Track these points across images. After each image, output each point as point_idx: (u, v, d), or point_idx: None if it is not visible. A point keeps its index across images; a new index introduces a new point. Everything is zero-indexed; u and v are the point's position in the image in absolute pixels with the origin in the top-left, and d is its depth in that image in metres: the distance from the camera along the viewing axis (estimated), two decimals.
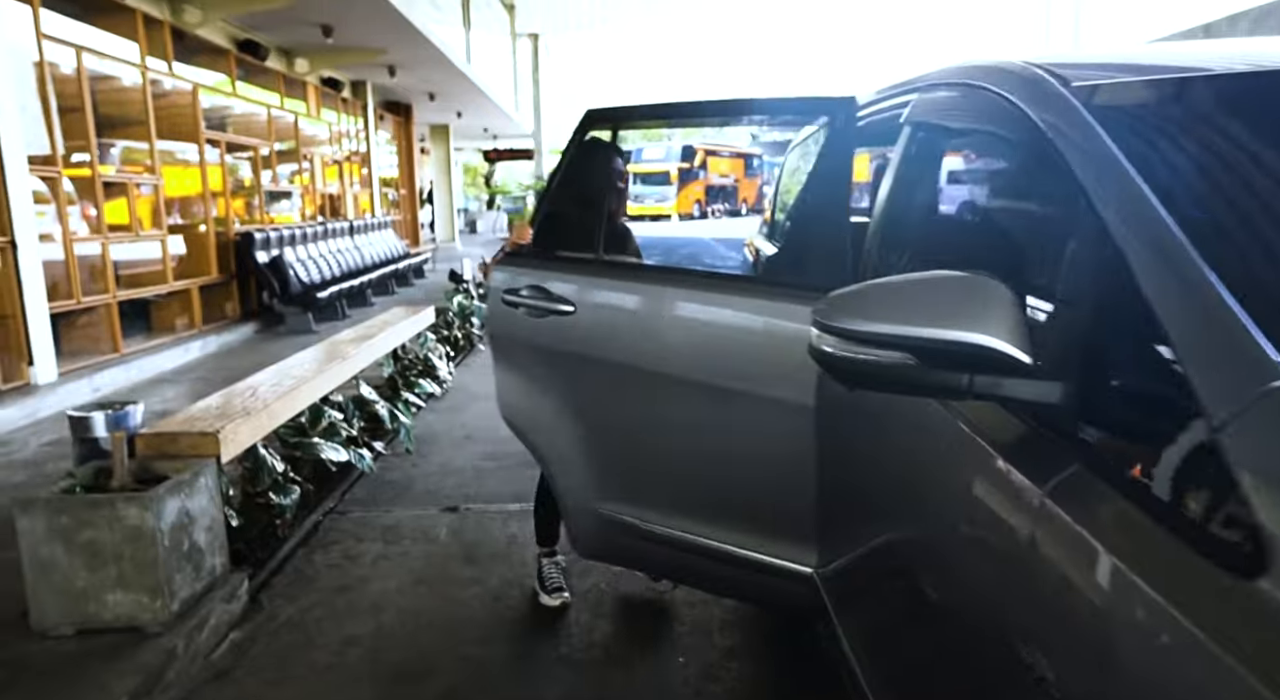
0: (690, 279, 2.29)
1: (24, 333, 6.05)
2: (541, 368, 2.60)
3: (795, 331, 2.02)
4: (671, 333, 2.27)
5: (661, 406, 2.32)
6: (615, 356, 2.36)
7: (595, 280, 2.44)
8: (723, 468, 2.27)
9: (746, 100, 2.60)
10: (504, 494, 4.37)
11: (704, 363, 2.20)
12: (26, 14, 6.37)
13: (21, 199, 5.98)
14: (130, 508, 2.67)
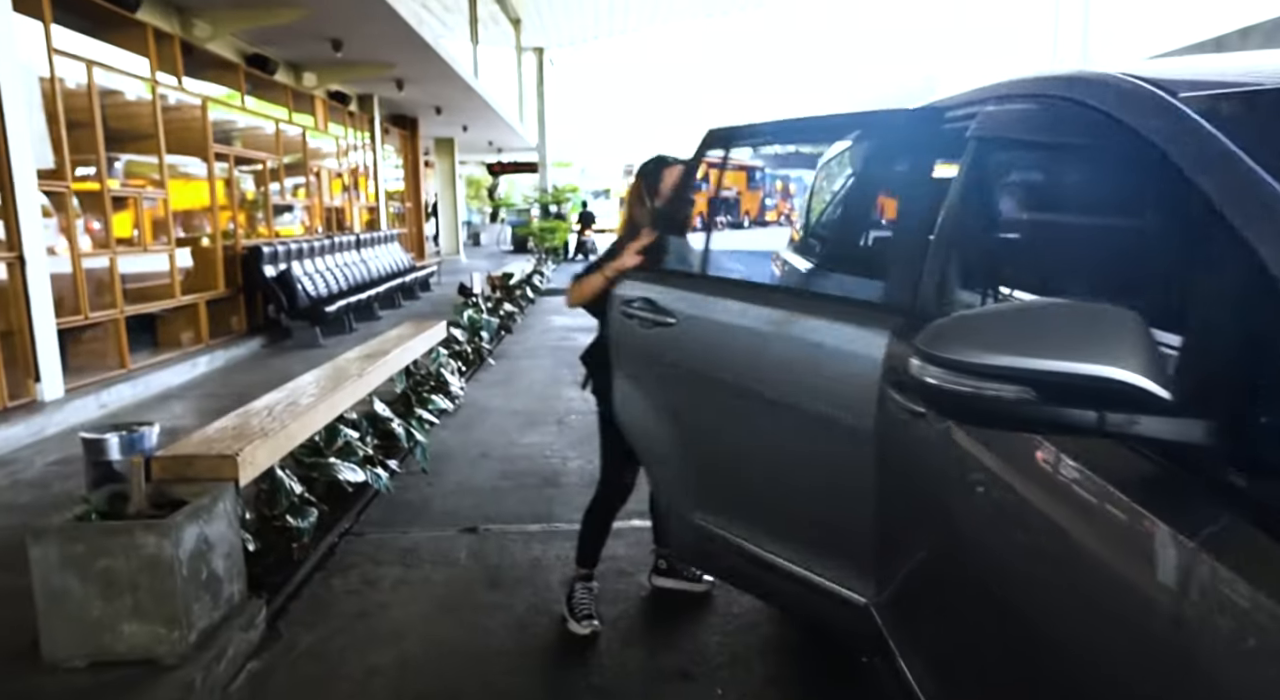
0: (772, 295, 2.37)
1: (31, 349, 5.97)
2: (648, 376, 2.77)
3: (850, 349, 1.96)
4: (745, 344, 2.34)
5: (739, 418, 2.37)
6: (701, 367, 2.49)
7: (690, 293, 2.58)
8: (789, 486, 2.26)
9: (844, 115, 2.72)
10: (523, 514, 4.26)
11: (764, 374, 2.24)
12: (38, 29, 6.32)
13: (30, 214, 5.90)
14: (148, 536, 2.57)
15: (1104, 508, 1.07)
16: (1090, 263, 1.38)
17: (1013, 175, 1.77)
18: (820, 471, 2.10)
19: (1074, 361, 0.97)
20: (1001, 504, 1.34)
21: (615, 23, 22.37)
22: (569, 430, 5.88)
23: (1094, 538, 1.07)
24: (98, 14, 7.05)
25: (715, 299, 2.47)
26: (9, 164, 5.75)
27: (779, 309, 2.23)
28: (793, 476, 2.22)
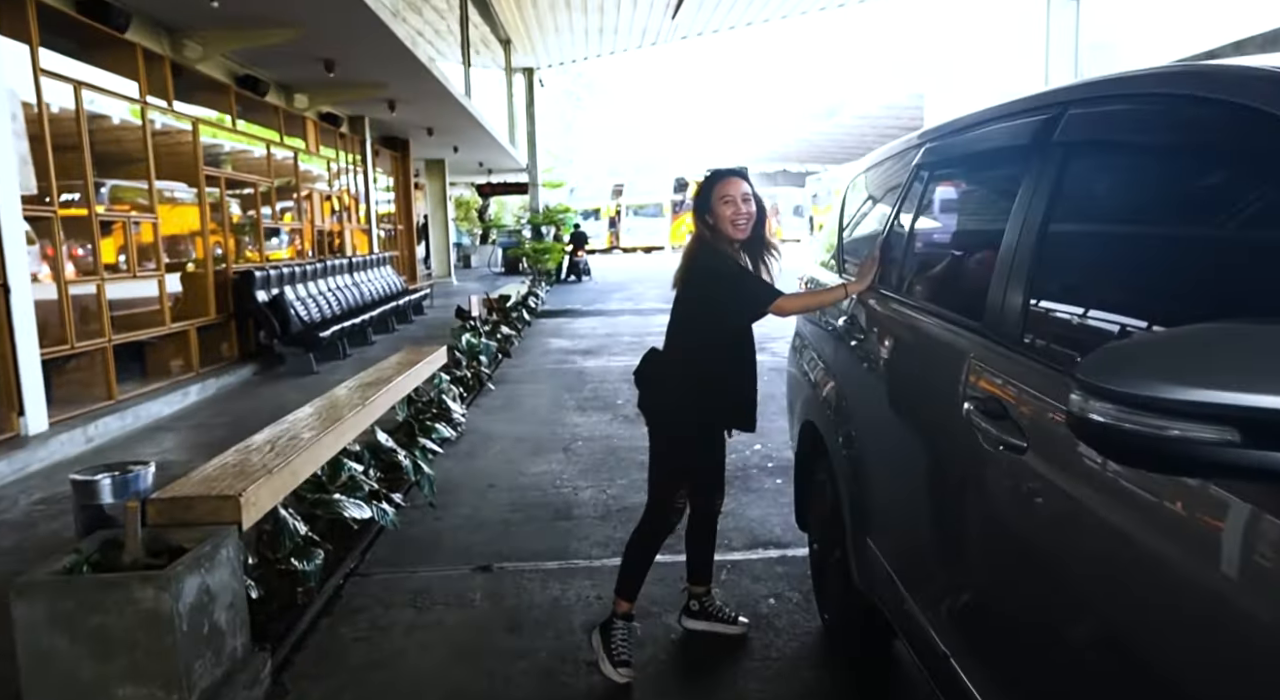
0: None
1: (14, 381, 5.73)
2: (842, 386, 2.80)
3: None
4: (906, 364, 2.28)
5: (903, 444, 2.22)
6: (875, 383, 2.44)
7: (880, 311, 2.53)
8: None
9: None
10: (538, 550, 4.05)
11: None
12: (24, 52, 6.13)
13: (14, 241, 5.68)
14: (145, 589, 2.35)
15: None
16: (1241, 276, 1.20)
17: (1115, 180, 1.59)
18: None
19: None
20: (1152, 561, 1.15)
21: (605, 43, 22.36)
22: (577, 458, 5.67)
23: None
24: (86, 35, 6.86)
25: (908, 321, 2.34)
26: None
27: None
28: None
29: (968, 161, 2.37)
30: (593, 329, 12.70)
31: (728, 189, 2.73)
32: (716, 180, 2.77)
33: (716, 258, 2.77)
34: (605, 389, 8.02)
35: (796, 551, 3.89)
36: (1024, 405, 1.55)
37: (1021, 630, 1.55)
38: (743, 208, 2.71)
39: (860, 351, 2.64)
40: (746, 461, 5.43)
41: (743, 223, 2.72)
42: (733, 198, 2.71)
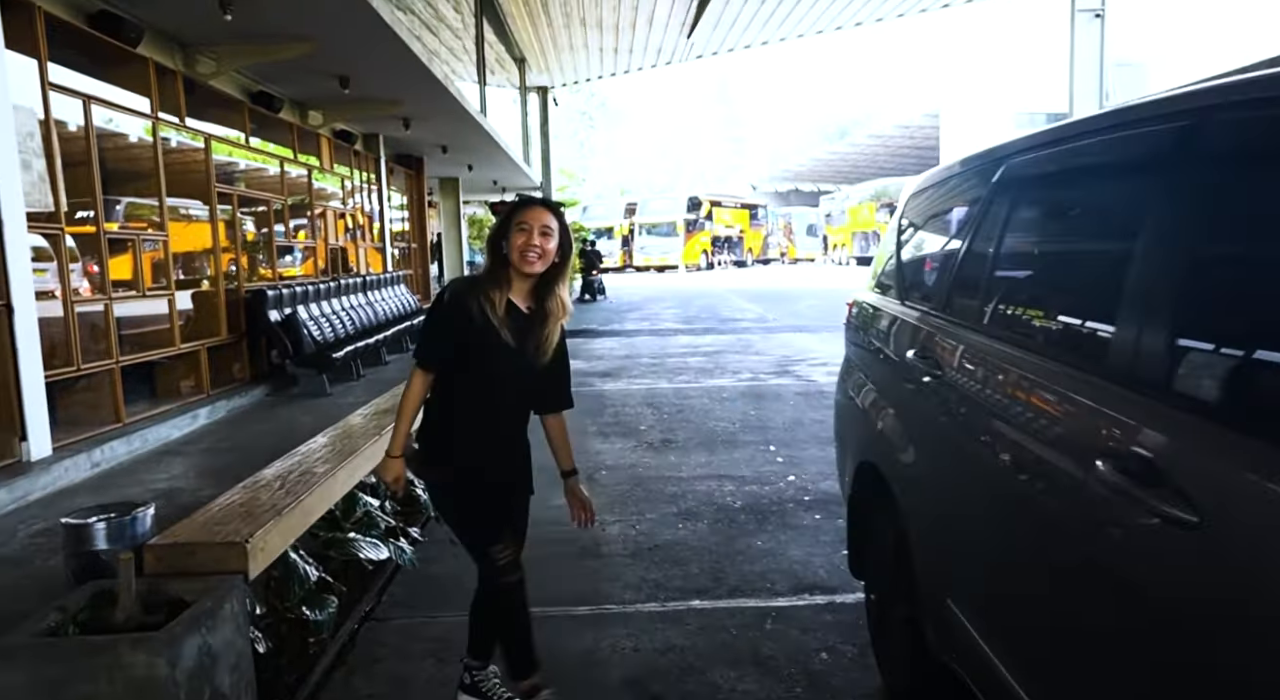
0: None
1: (17, 404, 5.50)
2: (914, 428, 2.52)
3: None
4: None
5: (1004, 502, 1.92)
6: (962, 429, 2.18)
7: (958, 345, 2.27)
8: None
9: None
10: (565, 593, 3.76)
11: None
12: (32, 67, 5.96)
13: (19, 260, 5.48)
14: (137, 654, 2.08)
15: None
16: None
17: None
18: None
19: None
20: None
21: (620, 62, 22.28)
22: (601, 489, 5.39)
23: None
24: (97, 49, 6.70)
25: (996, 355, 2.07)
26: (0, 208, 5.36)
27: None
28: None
29: (1069, 177, 2.09)
30: (610, 350, 12.45)
31: (527, 217, 2.45)
32: (519, 207, 2.51)
33: (449, 289, 2.53)
34: (627, 414, 7.76)
35: (845, 597, 3.60)
36: (1193, 471, 1.28)
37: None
38: (535, 239, 2.42)
39: (937, 391, 2.32)
40: (781, 494, 5.14)
41: (532, 256, 2.42)
42: (529, 227, 2.42)
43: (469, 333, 2.43)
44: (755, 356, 11.34)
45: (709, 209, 41.73)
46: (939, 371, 2.29)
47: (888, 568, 2.72)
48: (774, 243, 50.75)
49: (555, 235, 2.46)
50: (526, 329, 2.48)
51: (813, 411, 7.63)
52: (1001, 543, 1.93)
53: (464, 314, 2.44)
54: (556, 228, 2.47)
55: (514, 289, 2.49)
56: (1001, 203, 2.29)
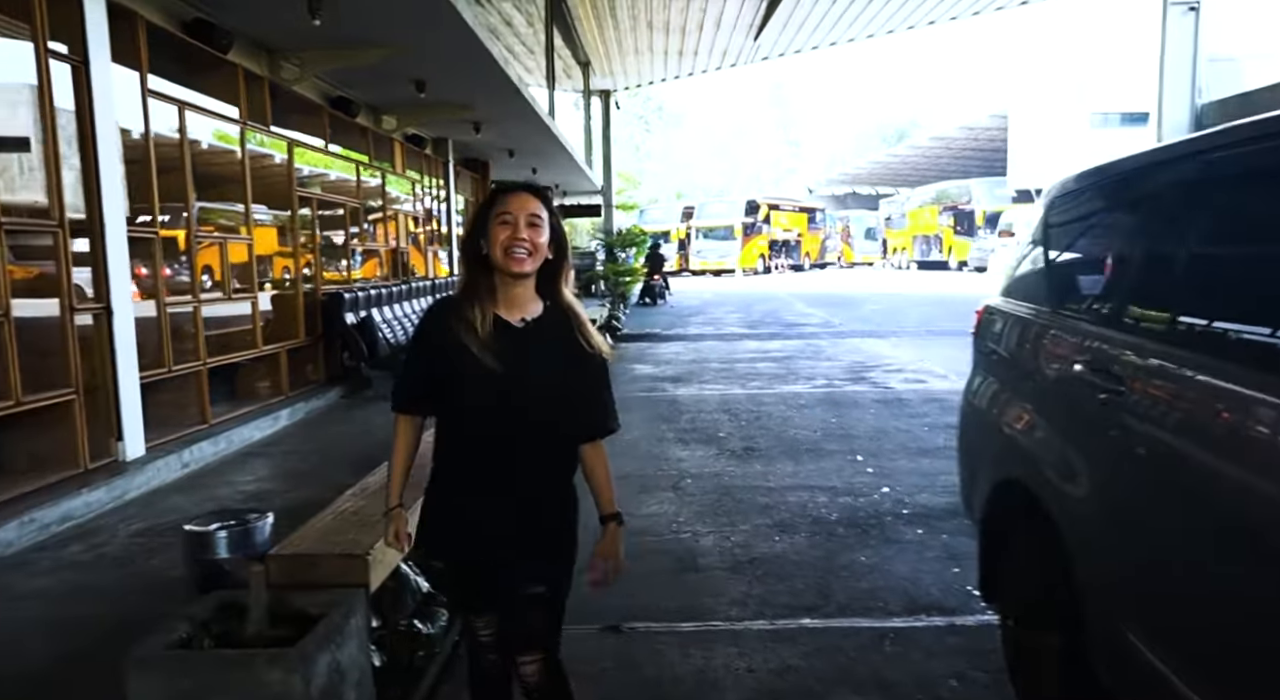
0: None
1: (114, 405, 5.60)
2: (1086, 447, 2.26)
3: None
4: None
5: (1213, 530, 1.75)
6: (1156, 453, 1.97)
7: (1154, 364, 2.04)
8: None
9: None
10: (668, 608, 3.65)
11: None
12: (134, 78, 6.08)
13: (119, 263, 5.58)
14: (273, 670, 2.03)
15: None
16: None
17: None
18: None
19: None
20: None
21: (684, 65, 22.16)
22: (689, 498, 5.28)
23: None
24: (190, 56, 6.81)
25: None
26: (101, 215, 5.46)
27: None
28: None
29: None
30: (677, 354, 12.33)
31: (508, 206, 1.97)
32: (497, 196, 2.02)
33: (432, 311, 2.07)
34: (704, 420, 7.63)
35: (965, 619, 3.43)
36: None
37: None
38: (522, 232, 1.94)
39: (1121, 409, 2.09)
40: (878, 507, 4.96)
41: (519, 252, 1.94)
42: (512, 217, 1.94)
43: (444, 362, 1.95)
44: (826, 362, 11.12)
45: (767, 212, 41.35)
46: (1120, 388, 2.10)
47: (1035, 593, 2.54)
48: (831, 246, 50.12)
49: (545, 226, 1.98)
50: (523, 347, 1.96)
51: (895, 420, 7.42)
52: (1203, 572, 1.76)
53: (438, 339, 1.97)
54: (546, 216, 1.99)
55: (502, 299, 1.99)
56: (1208, 201, 2.07)
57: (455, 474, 2.03)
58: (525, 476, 2.00)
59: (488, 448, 1.98)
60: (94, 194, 5.45)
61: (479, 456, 1.99)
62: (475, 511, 2.01)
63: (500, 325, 1.97)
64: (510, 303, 2.00)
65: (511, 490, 1.99)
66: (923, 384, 9.31)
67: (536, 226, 1.96)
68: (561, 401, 2.00)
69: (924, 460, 6.03)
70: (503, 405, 1.95)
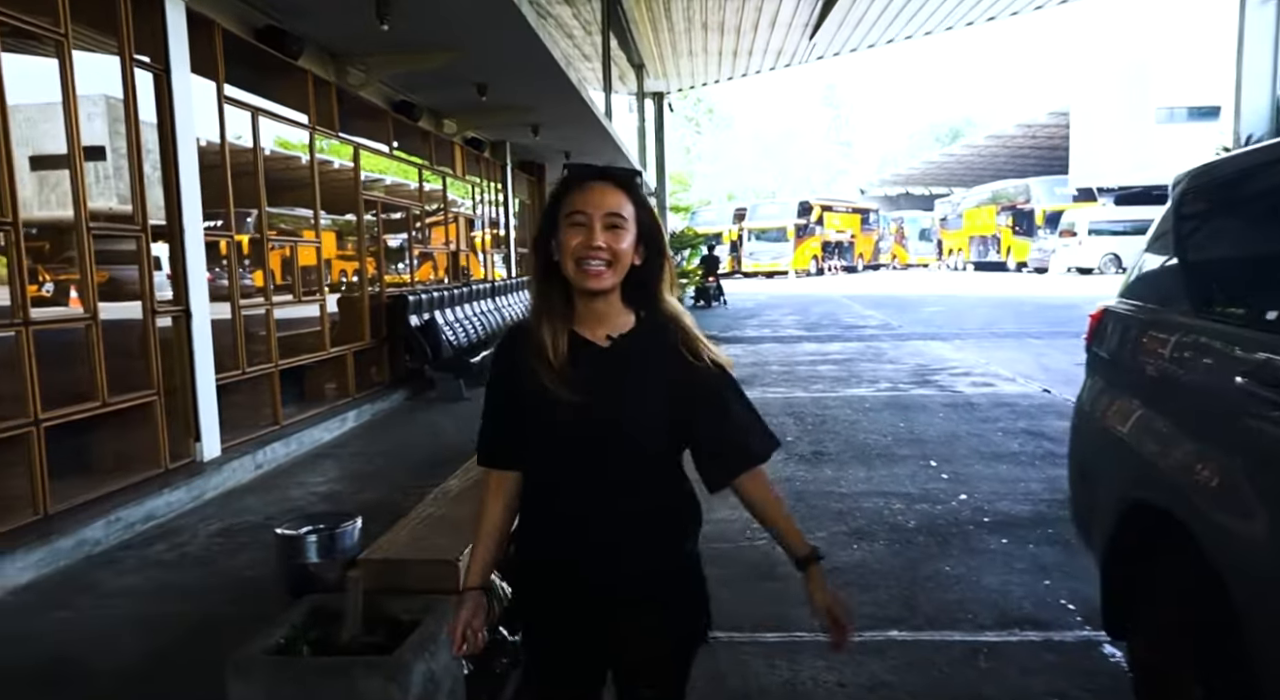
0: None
1: (192, 406, 5.70)
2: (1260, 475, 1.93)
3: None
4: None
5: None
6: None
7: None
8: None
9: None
10: (749, 617, 3.56)
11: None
12: (210, 87, 6.22)
13: (197, 267, 5.70)
14: (372, 678, 2.01)
15: None
16: None
17: None
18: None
19: None
20: None
21: (738, 66, 22.05)
22: None
23: None
24: (262, 62, 6.94)
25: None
26: (180, 220, 5.58)
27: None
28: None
29: None
30: (736, 357, 12.03)
31: (580, 201, 1.57)
32: (566, 187, 1.61)
33: (504, 338, 1.73)
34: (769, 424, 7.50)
35: (1063, 635, 3.29)
36: None
37: None
38: (599, 237, 1.54)
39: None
40: (957, 515, 4.82)
41: (595, 265, 1.54)
42: (586, 218, 1.55)
43: (520, 400, 1.61)
44: (889, 365, 10.92)
45: (820, 214, 40.94)
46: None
47: (1180, 637, 2.25)
48: (885, 247, 49.44)
49: (630, 226, 1.57)
50: (612, 372, 1.59)
51: (966, 424, 7.23)
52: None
53: (510, 372, 1.64)
54: (632, 213, 1.58)
55: (581, 315, 1.62)
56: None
57: (538, 539, 1.65)
58: (628, 536, 1.61)
59: (575, 503, 1.60)
60: (173, 199, 5.57)
61: (565, 516, 1.60)
62: (565, 582, 1.62)
63: (580, 347, 1.60)
64: (592, 319, 1.61)
65: (615, 558, 1.60)
66: (991, 388, 9.08)
67: (618, 229, 1.55)
68: (665, 434, 1.62)
69: (1000, 466, 5.86)
70: (588, 446, 1.58)
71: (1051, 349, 11.87)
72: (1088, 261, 29.03)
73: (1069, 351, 11.49)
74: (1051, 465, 5.74)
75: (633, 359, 1.61)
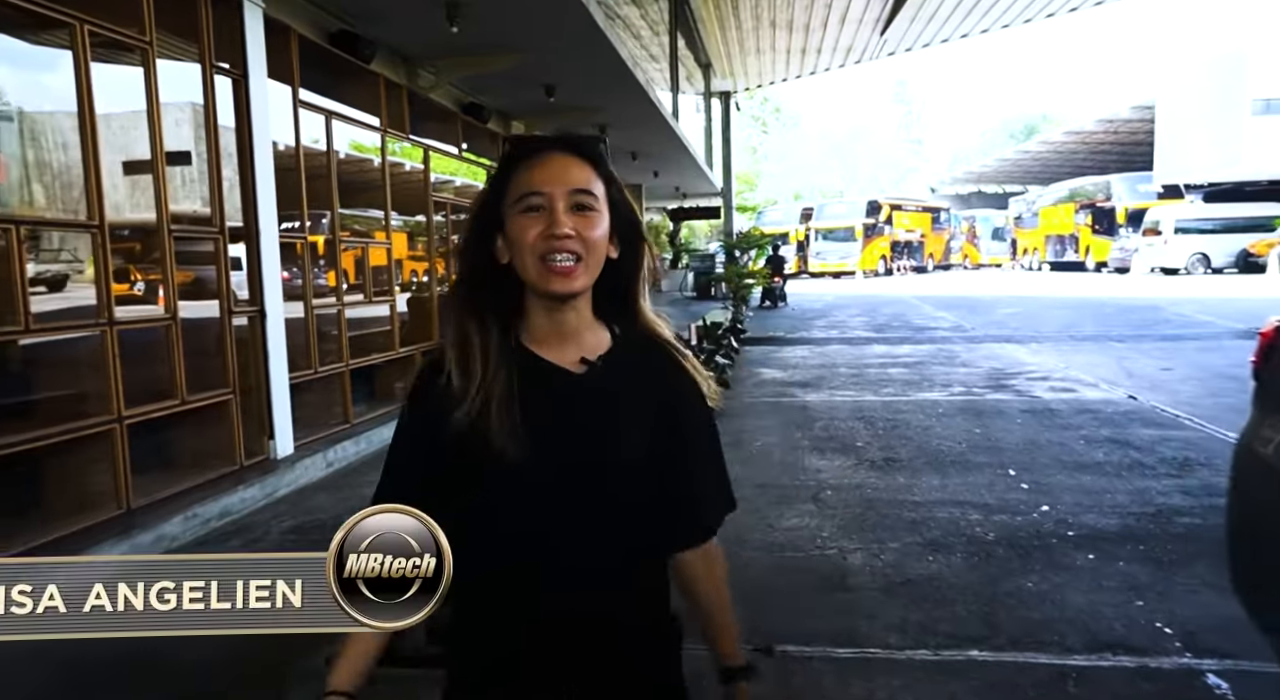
0: None
1: (267, 404, 5.82)
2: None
3: None
4: None
5: None
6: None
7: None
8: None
9: None
10: (819, 630, 3.46)
11: None
12: (286, 92, 6.36)
13: (272, 267, 5.82)
14: (434, 693, 1.96)
15: None
16: None
17: None
18: None
19: None
20: None
21: (806, 64, 21.77)
22: (831, 511, 5.05)
23: None
24: (335, 66, 7.06)
25: None
26: (256, 222, 5.70)
27: None
28: None
29: None
30: (803, 359, 12.03)
31: (536, 178, 1.18)
32: (513, 162, 1.23)
33: (418, 380, 1.28)
34: (838, 428, 7.36)
35: (1159, 661, 3.10)
36: None
37: None
38: (564, 224, 1.17)
39: None
40: (1039, 528, 4.61)
41: (564, 260, 1.17)
42: (544, 198, 1.18)
43: (451, 452, 1.18)
44: (963, 368, 10.60)
45: (889, 213, 40.17)
46: None
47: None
48: (956, 247, 48.27)
49: (602, 207, 1.21)
50: (591, 409, 1.21)
51: (1046, 432, 6.95)
52: None
53: (431, 419, 1.20)
54: (602, 193, 1.21)
55: (542, 333, 1.23)
56: None
57: (471, 652, 1.26)
58: (600, 648, 1.19)
59: (523, 603, 1.18)
60: (250, 202, 5.70)
61: (510, 622, 1.20)
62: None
63: (540, 377, 1.20)
64: (556, 337, 1.23)
65: (580, 680, 1.20)
66: (1072, 393, 8.73)
67: (588, 211, 1.19)
68: (646, 493, 1.22)
69: (1084, 477, 5.60)
70: (551, 518, 1.17)
71: (1135, 353, 11.39)
72: (1173, 261, 27.86)
73: (1154, 356, 11.01)
74: (1140, 476, 5.47)
75: (619, 392, 1.22)
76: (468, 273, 1.25)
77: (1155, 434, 6.62)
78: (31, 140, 6.45)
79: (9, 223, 4.31)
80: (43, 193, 6.88)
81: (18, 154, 6.35)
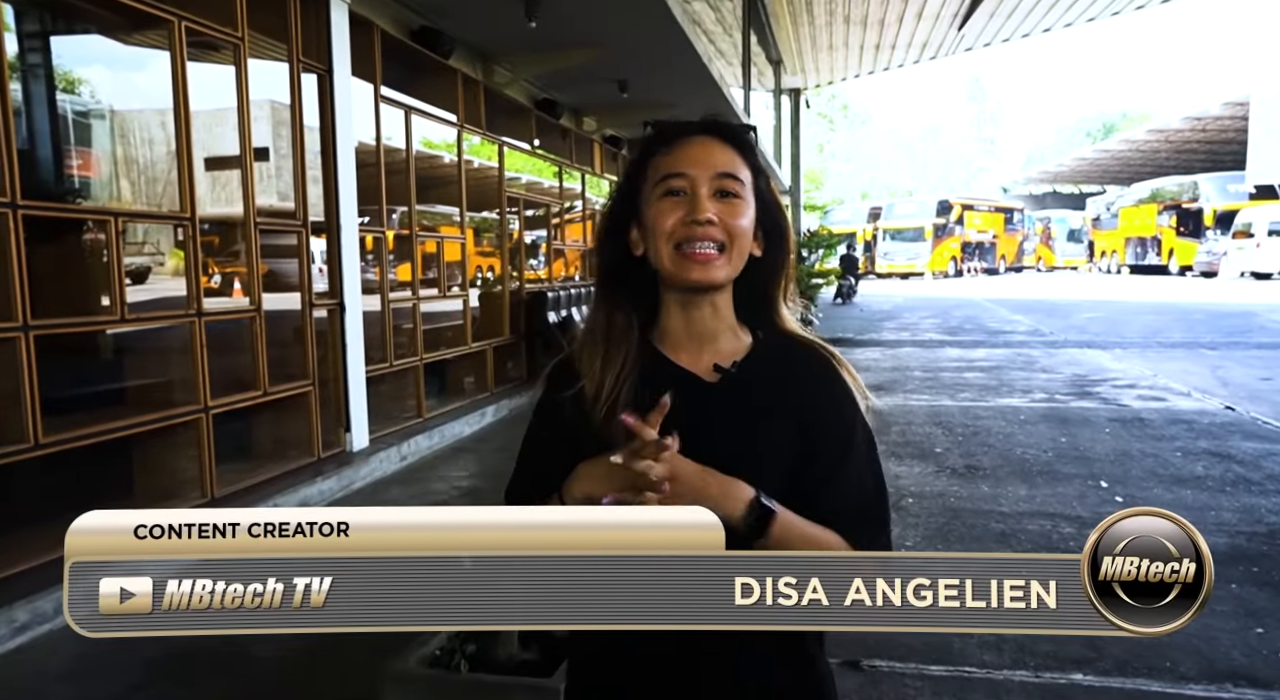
0: None
1: (344, 397, 5.88)
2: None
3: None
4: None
5: None
6: None
7: None
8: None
9: None
10: (912, 646, 3.31)
11: None
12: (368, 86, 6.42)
13: (351, 261, 5.87)
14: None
15: None
16: None
17: None
18: None
19: None
20: None
21: (879, 60, 21.34)
22: (913, 519, 4.88)
23: None
24: (416, 62, 7.11)
25: None
26: (338, 216, 5.76)
27: None
28: None
29: None
30: (875, 361, 11.76)
31: (679, 161, 1.10)
32: (655, 145, 1.14)
33: (549, 380, 1.22)
34: (914, 433, 7.15)
35: None
36: None
37: None
38: (707, 209, 1.08)
39: None
40: None
41: (705, 247, 1.09)
42: (687, 181, 1.09)
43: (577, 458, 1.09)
44: (1043, 374, 10.24)
45: (960, 213, 39.24)
46: None
47: None
48: (1029, 249, 46.90)
49: (748, 195, 1.12)
50: (727, 421, 1.11)
51: (1138, 442, 6.64)
52: None
53: (563, 424, 1.16)
54: (749, 180, 1.12)
55: (675, 335, 1.16)
56: None
57: (597, 681, 1.17)
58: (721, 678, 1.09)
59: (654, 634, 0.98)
60: (332, 197, 5.76)
61: (636, 652, 1.09)
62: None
63: (671, 382, 1.08)
64: (691, 338, 1.15)
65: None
66: (1163, 402, 8.34)
67: (733, 198, 1.10)
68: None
69: (1184, 491, 5.32)
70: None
71: (1229, 361, 10.86)
72: (1266, 265, 26.60)
73: (1250, 364, 10.48)
74: (1246, 492, 5.17)
75: (757, 406, 1.11)
76: (604, 268, 1.19)
77: (1259, 447, 6.26)
78: (121, 137, 6.66)
79: (106, 215, 4.40)
80: (129, 187, 7.10)
81: (109, 150, 6.56)
